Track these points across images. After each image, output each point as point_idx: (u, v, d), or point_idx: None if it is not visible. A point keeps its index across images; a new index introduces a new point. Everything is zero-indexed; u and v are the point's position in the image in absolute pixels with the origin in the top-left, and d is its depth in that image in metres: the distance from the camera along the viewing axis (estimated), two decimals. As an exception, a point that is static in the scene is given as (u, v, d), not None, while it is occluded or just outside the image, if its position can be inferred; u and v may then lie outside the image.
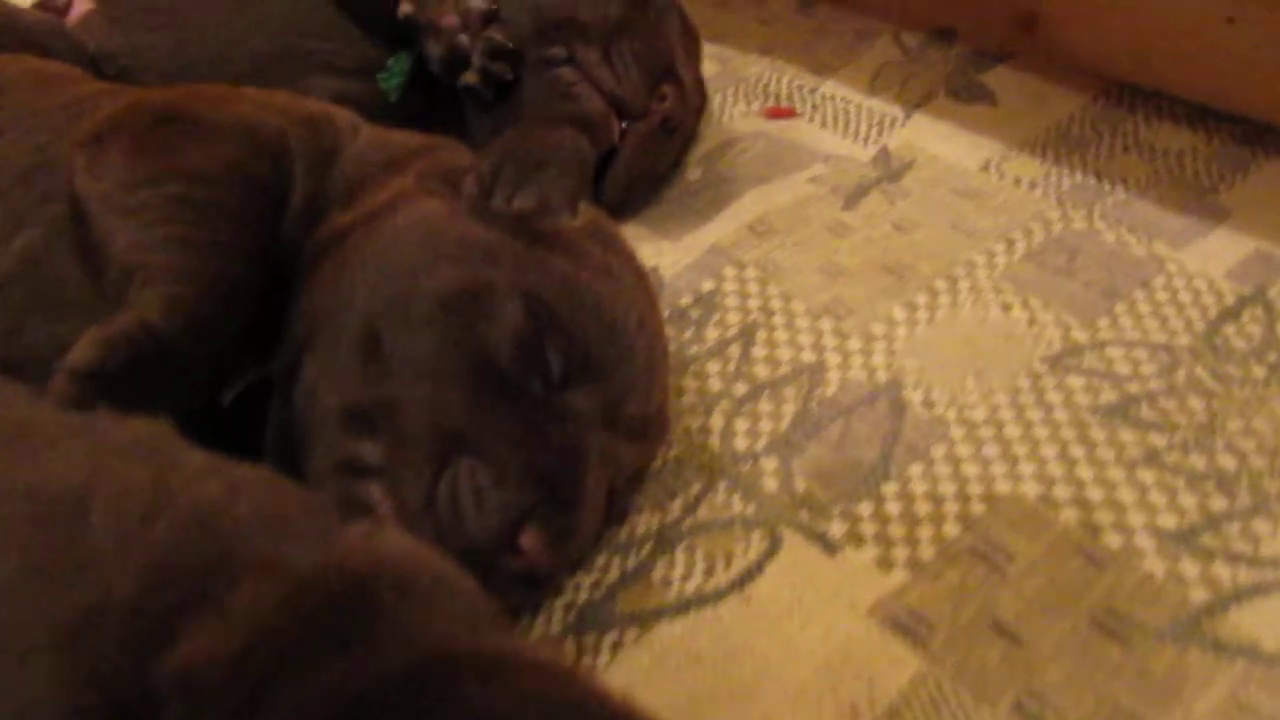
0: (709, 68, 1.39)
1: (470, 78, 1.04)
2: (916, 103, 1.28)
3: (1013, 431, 0.87)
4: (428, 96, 1.12)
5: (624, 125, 1.05)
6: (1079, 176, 1.14)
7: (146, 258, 0.71)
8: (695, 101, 1.12)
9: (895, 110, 1.27)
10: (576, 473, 0.68)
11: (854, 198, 1.14)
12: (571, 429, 0.69)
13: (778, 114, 1.29)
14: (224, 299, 0.72)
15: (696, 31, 1.17)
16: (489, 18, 1.03)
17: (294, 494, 0.59)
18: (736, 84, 1.36)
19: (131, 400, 0.64)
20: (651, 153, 1.08)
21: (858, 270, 1.04)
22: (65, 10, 1.29)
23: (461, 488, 0.65)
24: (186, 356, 0.70)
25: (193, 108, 0.79)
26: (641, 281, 0.81)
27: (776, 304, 1.01)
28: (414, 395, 0.68)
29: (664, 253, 1.09)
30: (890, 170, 1.17)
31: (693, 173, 1.20)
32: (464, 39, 1.03)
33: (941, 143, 1.21)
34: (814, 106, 1.30)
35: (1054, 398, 0.89)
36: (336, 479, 0.68)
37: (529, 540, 0.65)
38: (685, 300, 1.03)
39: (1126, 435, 0.85)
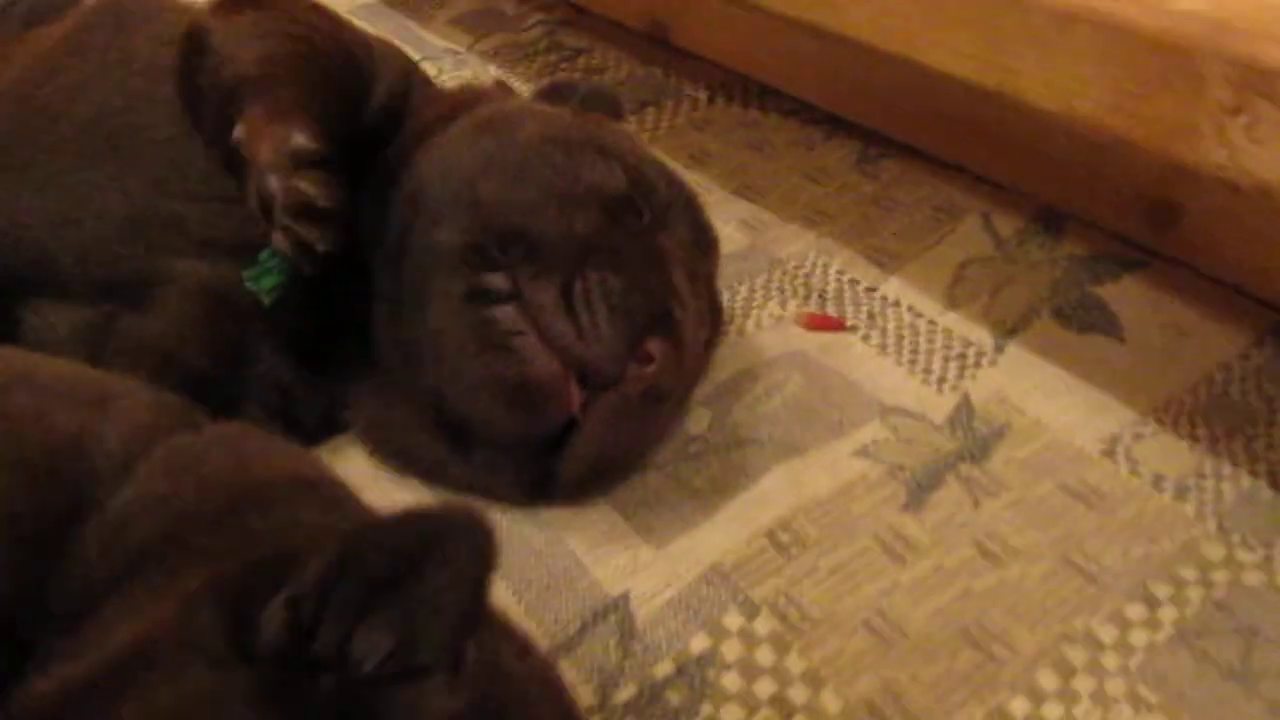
0: (735, 235, 1.06)
1: (278, 241, 0.71)
2: (1011, 325, 0.93)
3: None
4: (324, 299, 0.79)
5: (585, 393, 0.71)
6: (1245, 481, 0.79)
7: None
8: (701, 339, 0.78)
9: (982, 334, 0.93)
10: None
11: (923, 489, 0.80)
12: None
13: (821, 324, 0.95)
14: None
15: (714, 237, 0.83)
16: (306, 160, 0.70)
17: None
18: (769, 269, 1.02)
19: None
20: (626, 431, 0.74)
21: (924, 632, 0.70)
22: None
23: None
24: None
25: None
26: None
27: (798, 693, 0.67)
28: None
29: (639, 567, 0.75)
30: (974, 441, 0.83)
31: (697, 420, 0.86)
32: (272, 182, 0.70)
33: (1046, 399, 0.87)
34: (870, 316, 0.96)
35: None
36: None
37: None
38: (663, 669, 0.69)
39: None
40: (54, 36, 0.94)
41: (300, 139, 0.70)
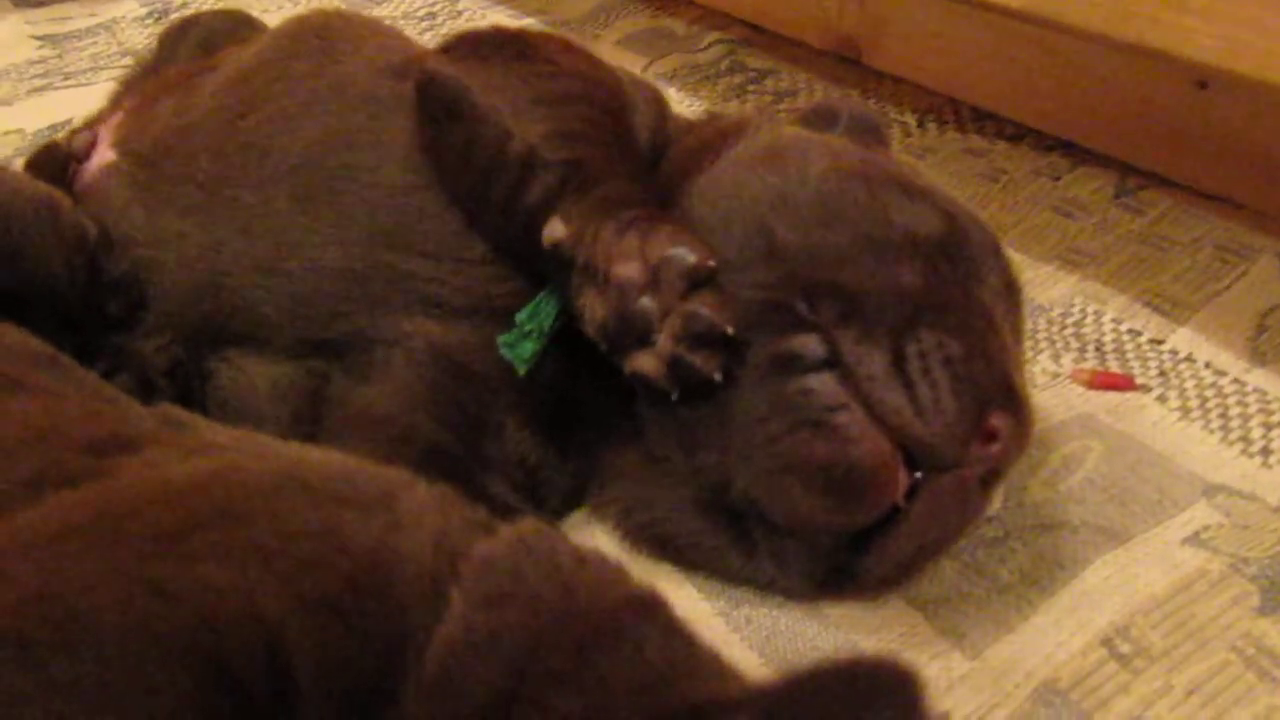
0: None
1: (648, 365, 0.61)
2: (1336, 386, 0.80)
3: None
4: (576, 367, 0.69)
5: (916, 477, 0.60)
6: None
7: None
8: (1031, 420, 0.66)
9: (1302, 397, 0.80)
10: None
11: (1278, 589, 0.67)
12: None
13: (1108, 383, 0.83)
14: None
15: (1018, 282, 0.71)
16: (699, 280, 0.60)
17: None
18: (1031, 317, 0.90)
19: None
20: (955, 519, 0.62)
21: (1323, 775, 0.57)
22: (85, 154, 0.90)
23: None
24: None
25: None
26: None
27: None
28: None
29: (955, 682, 0.64)
30: (1324, 528, 0.71)
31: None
32: (648, 303, 0.60)
33: (1400, 476, 0.73)
34: (1162, 374, 0.84)
35: None
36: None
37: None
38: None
39: None
40: (246, 62, 0.86)
41: (689, 255, 0.60)
